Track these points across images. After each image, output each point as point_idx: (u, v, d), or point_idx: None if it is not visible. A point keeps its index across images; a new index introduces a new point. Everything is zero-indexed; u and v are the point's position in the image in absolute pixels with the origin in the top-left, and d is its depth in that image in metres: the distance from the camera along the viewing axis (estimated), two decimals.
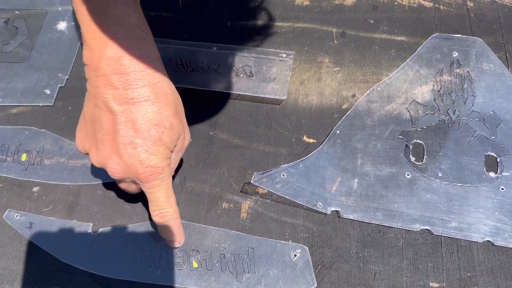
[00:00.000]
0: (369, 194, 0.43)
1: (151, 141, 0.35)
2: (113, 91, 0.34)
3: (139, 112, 0.35)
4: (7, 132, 0.49)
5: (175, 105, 0.37)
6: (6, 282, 0.41)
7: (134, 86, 0.34)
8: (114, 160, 0.35)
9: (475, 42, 0.52)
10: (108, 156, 0.36)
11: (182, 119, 0.39)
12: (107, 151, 0.36)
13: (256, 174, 0.45)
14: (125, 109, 0.34)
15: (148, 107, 0.35)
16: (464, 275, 0.40)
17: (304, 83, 0.51)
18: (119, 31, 0.34)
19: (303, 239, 0.42)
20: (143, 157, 0.35)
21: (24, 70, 0.53)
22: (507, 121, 0.46)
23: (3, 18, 0.57)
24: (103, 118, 0.35)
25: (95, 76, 0.35)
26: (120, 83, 0.34)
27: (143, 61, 0.35)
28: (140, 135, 0.35)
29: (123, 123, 0.35)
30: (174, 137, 0.37)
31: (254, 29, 0.55)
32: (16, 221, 0.44)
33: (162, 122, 0.35)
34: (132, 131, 0.35)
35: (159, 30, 0.55)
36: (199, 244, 0.42)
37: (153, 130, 0.35)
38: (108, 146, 0.35)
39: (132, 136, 0.35)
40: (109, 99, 0.35)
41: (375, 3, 0.56)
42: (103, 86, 0.35)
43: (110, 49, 0.34)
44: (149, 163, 0.35)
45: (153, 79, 0.35)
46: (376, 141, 0.46)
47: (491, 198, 0.43)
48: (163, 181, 0.37)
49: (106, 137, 0.35)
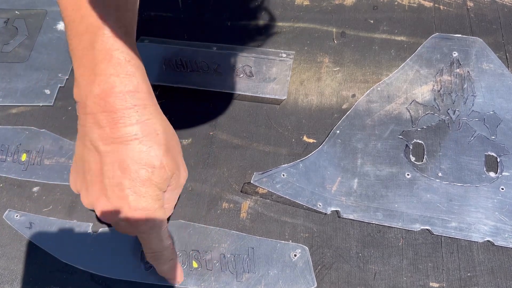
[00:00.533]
0: (369, 194, 0.43)
1: (140, 182, 0.33)
2: (100, 130, 0.33)
3: (126, 151, 0.33)
4: (7, 132, 0.49)
5: (166, 142, 0.35)
6: (6, 282, 0.41)
7: (121, 125, 0.32)
8: (103, 202, 0.34)
9: (475, 42, 0.52)
10: (97, 199, 0.34)
11: (176, 156, 0.36)
12: (96, 193, 0.34)
13: (256, 174, 0.45)
14: (112, 149, 0.33)
15: (136, 146, 0.33)
16: (464, 275, 0.40)
17: (304, 83, 0.51)
18: (107, 67, 0.33)
19: (303, 239, 0.42)
20: (131, 199, 0.33)
21: (24, 70, 0.53)
22: (507, 121, 0.46)
23: (3, 18, 0.57)
24: (91, 159, 0.34)
25: (83, 114, 0.34)
26: (107, 122, 0.32)
27: (131, 98, 0.33)
28: (128, 176, 0.33)
29: (110, 164, 0.33)
30: (165, 177, 0.34)
31: (254, 29, 0.55)
32: (16, 221, 0.44)
33: (152, 162, 0.33)
34: (119, 171, 0.33)
35: (159, 30, 0.55)
36: (199, 244, 0.42)
37: (142, 171, 0.33)
38: (97, 188, 0.34)
39: (119, 177, 0.33)
40: (96, 138, 0.33)
41: (375, 3, 0.56)
42: (90, 125, 0.33)
43: (97, 86, 0.33)
44: (138, 205, 0.33)
45: (142, 116, 0.33)
46: (376, 141, 0.46)
47: (491, 198, 0.43)
48: (156, 224, 0.35)
49: (95, 178, 0.34)
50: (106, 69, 0.33)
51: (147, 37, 0.54)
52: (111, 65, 0.33)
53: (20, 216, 0.44)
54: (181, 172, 0.37)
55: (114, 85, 0.33)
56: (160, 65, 0.51)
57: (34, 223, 0.44)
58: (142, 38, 0.54)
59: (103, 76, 0.33)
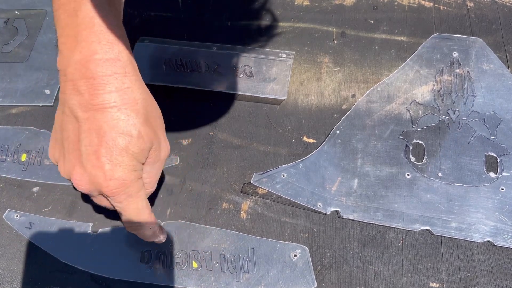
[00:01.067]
0: (369, 194, 0.43)
1: (117, 150, 0.32)
2: (79, 97, 0.32)
3: (104, 119, 0.32)
4: (7, 132, 0.49)
5: (146, 112, 0.34)
6: (6, 282, 0.41)
7: (100, 92, 0.32)
8: (78, 171, 0.33)
9: (475, 42, 0.52)
10: (73, 167, 0.33)
11: (157, 127, 0.36)
12: (72, 161, 0.33)
13: (256, 174, 0.45)
14: (90, 116, 0.32)
15: (115, 114, 0.32)
16: (464, 275, 0.40)
17: (304, 83, 0.51)
18: (89, 34, 0.32)
19: (303, 239, 0.42)
20: (107, 168, 0.32)
21: (24, 70, 0.53)
22: (507, 121, 0.46)
23: (3, 18, 0.57)
24: (70, 126, 0.33)
25: (64, 81, 0.33)
26: (86, 88, 0.32)
27: (112, 65, 0.33)
28: (105, 144, 0.32)
29: (87, 131, 0.32)
30: (143, 147, 0.34)
31: (254, 29, 0.55)
32: (16, 221, 0.44)
33: (129, 130, 0.33)
34: (96, 139, 0.32)
35: (159, 30, 0.55)
36: (199, 244, 0.42)
37: (120, 139, 0.32)
38: (73, 156, 0.33)
39: (96, 145, 0.32)
40: (75, 105, 0.32)
41: (375, 3, 0.56)
42: (69, 92, 0.33)
43: (78, 53, 0.32)
44: (114, 175, 0.32)
45: (121, 84, 0.33)
46: (376, 141, 0.46)
47: (491, 198, 0.43)
48: (132, 195, 0.34)
49: (72, 146, 0.33)
50: (88, 36, 0.32)
51: (147, 37, 0.54)
52: (93, 32, 0.33)
53: (20, 216, 0.44)
54: (162, 145, 0.36)
55: (95, 51, 0.32)
56: (160, 65, 0.51)
57: (34, 223, 0.44)
58: (142, 38, 0.53)
59: (84, 42, 0.32)
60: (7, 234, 0.43)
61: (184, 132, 0.48)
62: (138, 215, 0.35)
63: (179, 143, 0.48)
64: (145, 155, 0.34)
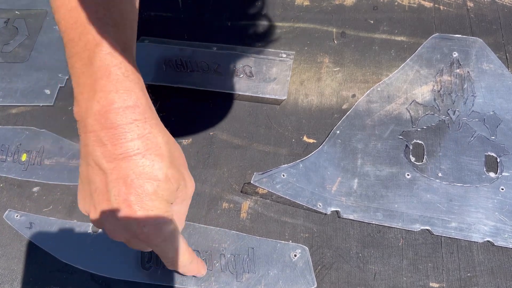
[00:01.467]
0: (369, 194, 0.43)
1: (146, 196, 0.32)
2: (102, 148, 0.32)
3: (130, 167, 0.32)
4: (7, 132, 0.49)
5: (170, 154, 0.34)
6: (6, 282, 0.41)
7: (122, 141, 0.32)
8: (111, 222, 0.33)
9: (475, 42, 0.52)
10: (106, 218, 0.33)
11: (180, 166, 0.36)
12: (104, 213, 0.33)
13: (256, 174, 0.45)
14: (115, 165, 0.32)
15: (139, 161, 0.32)
16: (464, 275, 0.40)
17: (304, 83, 0.51)
18: (106, 84, 0.33)
19: (303, 239, 0.42)
20: (139, 215, 0.32)
21: (24, 70, 0.53)
22: (507, 121, 0.46)
23: (3, 18, 0.57)
24: (96, 178, 0.33)
25: (84, 133, 0.33)
26: (108, 138, 0.32)
27: (131, 113, 0.33)
28: (134, 191, 0.32)
29: (115, 181, 0.32)
30: (171, 189, 0.34)
31: (254, 29, 0.55)
32: (16, 221, 0.44)
33: (156, 175, 0.33)
34: (124, 188, 0.32)
35: (159, 30, 0.55)
36: (199, 244, 0.42)
37: (147, 185, 0.32)
38: (104, 207, 0.33)
39: (125, 193, 0.32)
40: (99, 156, 0.32)
41: (375, 3, 0.56)
42: (92, 144, 0.33)
43: (96, 103, 0.32)
44: (147, 221, 0.33)
45: (143, 130, 0.33)
46: (376, 141, 0.46)
47: (491, 198, 0.43)
48: (167, 237, 0.34)
49: (101, 197, 0.33)
50: (105, 85, 0.33)
51: (147, 37, 0.54)
52: (109, 81, 0.33)
53: (20, 216, 0.44)
54: (188, 182, 0.37)
55: (113, 101, 0.32)
56: (160, 65, 0.51)
57: (34, 223, 0.44)
58: (142, 38, 0.54)
59: (102, 92, 0.32)
60: (7, 234, 0.43)
61: (184, 132, 0.48)
62: (176, 254, 0.36)
63: (179, 143, 0.47)
64: (174, 196, 0.35)
